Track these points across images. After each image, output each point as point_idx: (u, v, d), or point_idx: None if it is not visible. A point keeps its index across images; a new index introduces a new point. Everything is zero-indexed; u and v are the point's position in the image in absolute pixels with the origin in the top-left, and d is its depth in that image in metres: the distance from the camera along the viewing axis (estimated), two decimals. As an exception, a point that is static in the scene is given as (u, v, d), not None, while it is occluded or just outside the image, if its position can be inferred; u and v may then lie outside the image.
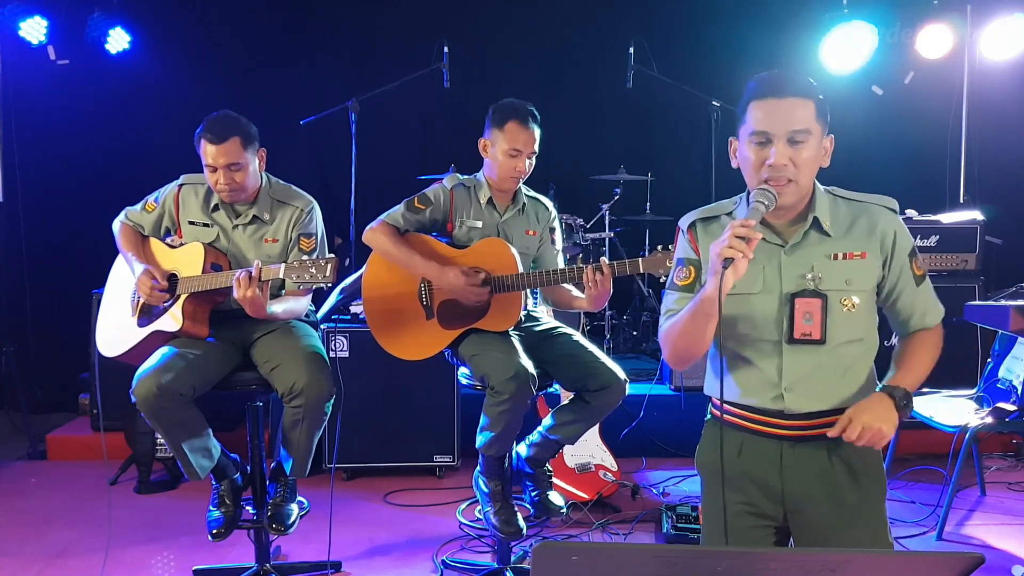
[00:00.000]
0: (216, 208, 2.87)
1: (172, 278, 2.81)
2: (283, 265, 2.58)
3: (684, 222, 2.02)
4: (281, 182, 2.96)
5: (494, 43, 5.68)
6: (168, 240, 2.96)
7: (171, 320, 2.74)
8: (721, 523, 1.90)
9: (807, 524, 1.92)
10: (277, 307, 2.78)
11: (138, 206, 2.98)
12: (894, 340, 2.01)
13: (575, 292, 2.89)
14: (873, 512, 1.92)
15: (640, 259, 2.63)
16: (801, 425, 1.89)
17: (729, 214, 1.97)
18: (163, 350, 2.70)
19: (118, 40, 5.11)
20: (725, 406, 1.94)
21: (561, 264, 3.05)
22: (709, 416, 2.07)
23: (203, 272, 2.74)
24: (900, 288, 1.93)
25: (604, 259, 2.69)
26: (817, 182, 1.94)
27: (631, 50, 5.18)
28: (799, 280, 1.88)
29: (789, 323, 1.87)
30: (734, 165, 1.95)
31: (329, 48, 5.67)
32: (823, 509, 1.89)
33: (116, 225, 2.98)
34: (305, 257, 2.60)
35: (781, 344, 1.88)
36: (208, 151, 2.72)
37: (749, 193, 1.92)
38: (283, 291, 2.87)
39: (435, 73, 4.81)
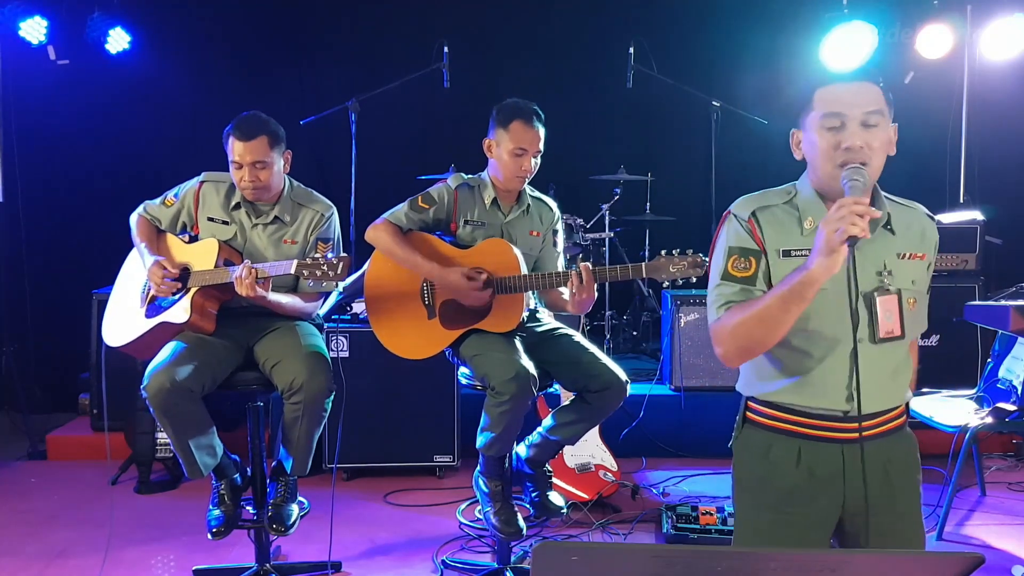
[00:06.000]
0: (237, 206, 2.89)
1: (184, 271, 2.82)
2: (295, 262, 2.60)
3: (743, 211, 1.82)
4: (303, 187, 3.00)
5: (494, 43, 5.68)
6: (183, 236, 2.97)
7: (179, 312, 2.74)
8: (769, 541, 1.79)
9: (856, 515, 1.83)
10: (283, 298, 2.81)
11: (157, 200, 3.00)
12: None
13: (566, 295, 2.88)
14: (915, 491, 1.88)
15: (643, 264, 2.63)
16: (863, 427, 1.75)
17: (787, 203, 1.83)
18: (172, 345, 2.71)
19: (118, 40, 5.11)
20: (774, 412, 1.83)
21: (561, 267, 3.04)
22: (745, 420, 1.89)
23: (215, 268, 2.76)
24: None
25: (587, 264, 2.66)
26: None
27: (631, 50, 5.18)
28: (875, 278, 1.77)
29: (872, 321, 1.75)
30: (798, 157, 1.84)
31: (329, 48, 5.67)
32: (876, 501, 1.79)
33: (133, 217, 3.00)
34: (317, 255, 2.62)
35: (855, 343, 1.71)
36: (236, 148, 2.76)
37: (798, 181, 1.83)
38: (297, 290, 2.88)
39: (435, 73, 4.82)
